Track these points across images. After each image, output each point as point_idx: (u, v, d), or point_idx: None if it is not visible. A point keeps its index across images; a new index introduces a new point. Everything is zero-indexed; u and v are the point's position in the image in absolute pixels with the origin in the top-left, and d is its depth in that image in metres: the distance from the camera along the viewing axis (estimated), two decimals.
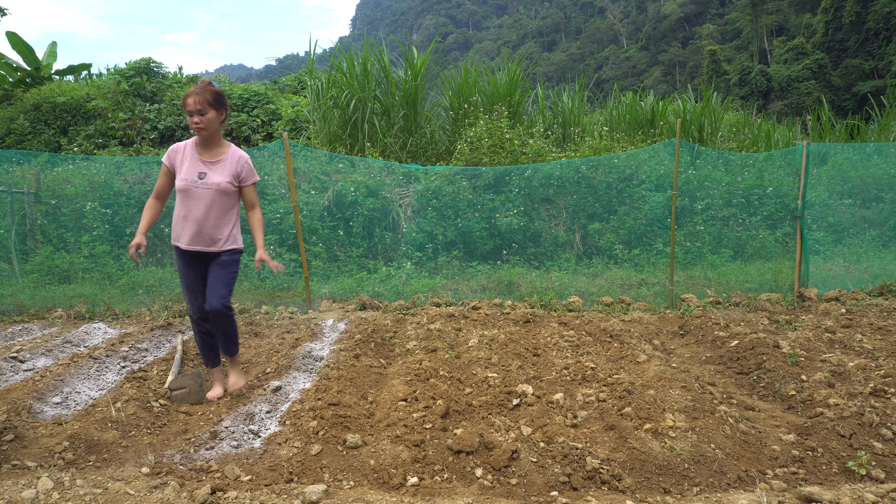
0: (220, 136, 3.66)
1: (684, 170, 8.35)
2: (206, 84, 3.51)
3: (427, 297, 6.60)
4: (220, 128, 3.62)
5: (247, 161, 3.68)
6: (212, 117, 3.48)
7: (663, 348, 4.93)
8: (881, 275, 7.13)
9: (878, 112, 14.63)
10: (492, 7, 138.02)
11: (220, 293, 3.60)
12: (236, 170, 3.61)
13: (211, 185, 3.52)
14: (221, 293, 3.61)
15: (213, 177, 3.54)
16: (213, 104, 3.49)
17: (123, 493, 2.43)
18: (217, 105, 3.52)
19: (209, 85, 3.51)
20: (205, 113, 3.47)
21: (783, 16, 66.01)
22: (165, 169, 3.58)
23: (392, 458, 2.75)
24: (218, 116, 3.54)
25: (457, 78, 10.53)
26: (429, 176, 7.85)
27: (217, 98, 3.51)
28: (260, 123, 12.06)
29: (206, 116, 3.45)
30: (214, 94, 3.50)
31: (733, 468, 2.71)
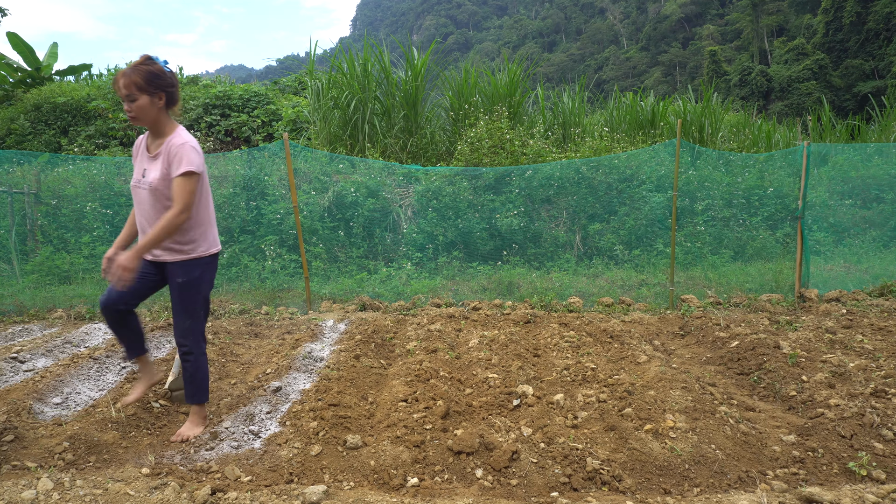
0: (167, 123, 2.92)
1: (685, 170, 8.35)
2: (138, 63, 2.80)
3: (427, 297, 6.60)
4: (166, 114, 2.92)
5: (181, 147, 2.83)
6: (144, 104, 2.78)
7: (664, 349, 4.93)
8: (882, 275, 7.13)
9: (879, 112, 14.62)
10: (492, 8, 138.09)
11: (180, 326, 3.02)
12: (167, 160, 2.85)
13: (145, 185, 2.90)
14: (181, 326, 3.01)
15: (150, 174, 2.90)
16: (144, 87, 2.77)
17: (123, 493, 2.43)
18: (150, 88, 2.79)
19: (141, 64, 2.80)
20: (135, 98, 2.77)
21: (783, 16, 66.02)
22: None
23: (392, 459, 2.74)
24: (153, 102, 2.82)
25: (457, 78, 10.53)
26: (429, 176, 7.85)
27: (149, 79, 2.78)
28: (260, 124, 12.07)
29: (136, 103, 2.77)
30: (145, 75, 2.78)
31: (734, 469, 2.71)
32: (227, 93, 12.41)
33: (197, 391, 3.14)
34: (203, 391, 3.15)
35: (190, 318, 3.01)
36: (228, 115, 12.22)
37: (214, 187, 7.62)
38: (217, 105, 12.27)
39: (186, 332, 3.02)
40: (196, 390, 3.14)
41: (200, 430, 3.14)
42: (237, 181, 7.68)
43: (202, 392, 3.15)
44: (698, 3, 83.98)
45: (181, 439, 3.05)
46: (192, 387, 3.13)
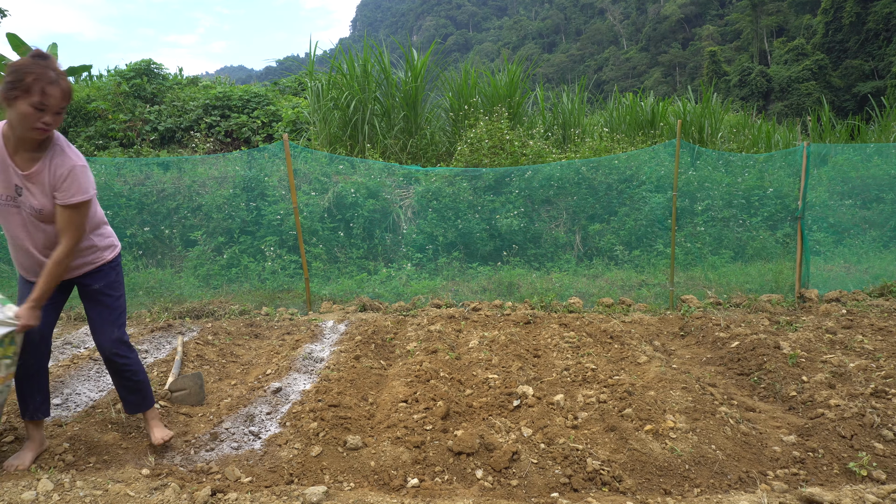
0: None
1: (684, 171, 8.35)
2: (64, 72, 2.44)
3: (427, 298, 6.60)
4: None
5: (71, 172, 2.46)
6: (60, 120, 2.43)
7: (664, 349, 4.93)
8: (882, 275, 7.12)
9: (879, 113, 14.63)
10: (492, 8, 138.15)
11: (110, 333, 2.75)
12: (52, 184, 2.48)
13: (28, 208, 2.50)
14: (111, 333, 2.75)
15: (30, 196, 2.49)
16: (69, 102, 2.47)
17: (124, 494, 2.43)
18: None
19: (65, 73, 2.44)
20: (62, 113, 2.44)
21: (783, 17, 66.04)
22: None
23: (392, 460, 2.74)
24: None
25: (457, 79, 10.54)
26: (429, 177, 7.85)
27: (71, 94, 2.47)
28: (260, 125, 12.08)
29: (60, 117, 2.41)
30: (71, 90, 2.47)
31: (734, 469, 2.71)
32: (226, 94, 12.42)
33: (145, 398, 2.94)
34: (148, 393, 2.95)
35: (118, 322, 2.79)
36: (228, 115, 12.22)
37: (214, 188, 7.63)
38: (217, 106, 12.28)
39: (117, 340, 2.77)
40: (144, 398, 2.94)
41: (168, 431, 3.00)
42: (237, 182, 7.68)
43: (146, 395, 2.94)
44: (698, 4, 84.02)
45: (164, 441, 2.92)
46: (138, 395, 2.91)
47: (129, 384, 2.86)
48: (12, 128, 2.40)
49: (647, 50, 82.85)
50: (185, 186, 7.59)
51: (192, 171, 7.80)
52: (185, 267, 7.24)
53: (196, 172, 7.82)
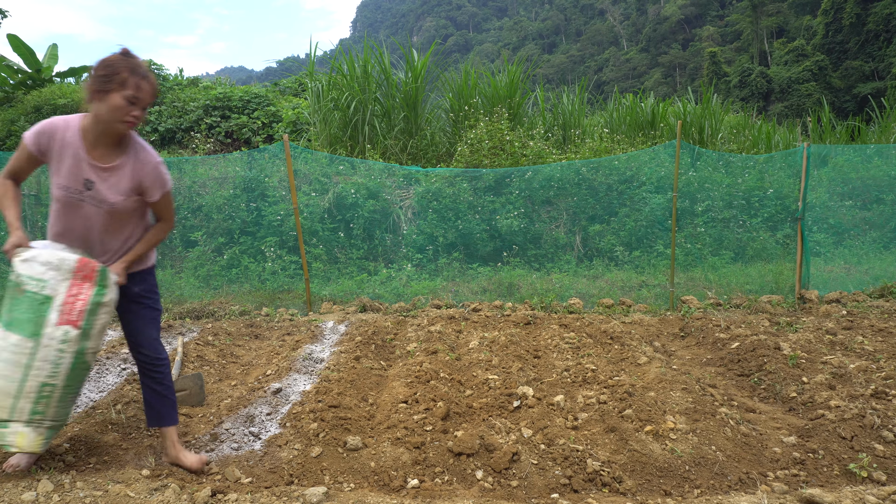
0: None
1: (685, 172, 8.35)
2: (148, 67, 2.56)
3: (427, 298, 6.60)
4: None
5: (156, 168, 2.61)
6: (143, 116, 2.56)
7: (664, 350, 4.93)
8: (882, 276, 7.12)
9: (879, 114, 14.63)
10: (492, 9, 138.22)
11: (150, 334, 2.77)
12: (139, 181, 2.59)
13: (101, 203, 2.54)
14: (151, 334, 2.77)
15: (106, 190, 2.53)
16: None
17: (124, 495, 2.43)
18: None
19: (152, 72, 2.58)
20: (146, 109, 2.55)
21: (783, 17, 66.05)
22: (27, 151, 2.50)
23: (393, 461, 2.74)
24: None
25: (457, 80, 10.54)
26: (429, 178, 7.85)
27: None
28: (260, 125, 12.08)
29: (144, 113, 2.53)
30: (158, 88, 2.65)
31: (734, 470, 2.71)
32: (227, 94, 12.43)
33: (172, 409, 2.81)
34: (176, 410, 2.84)
35: (156, 327, 2.82)
36: (229, 116, 12.23)
37: (214, 189, 7.63)
38: (217, 107, 12.29)
39: (156, 341, 2.77)
40: (172, 408, 2.80)
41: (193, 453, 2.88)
42: (237, 183, 7.68)
43: (175, 411, 2.83)
44: (698, 5, 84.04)
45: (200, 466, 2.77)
46: (166, 404, 2.78)
47: (160, 388, 2.77)
48: (97, 122, 2.47)
49: (648, 51, 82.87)
50: (186, 187, 7.59)
51: (193, 172, 7.81)
52: (185, 267, 7.24)
53: (196, 173, 7.83)
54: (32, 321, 2.39)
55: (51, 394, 2.44)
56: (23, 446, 2.41)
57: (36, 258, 2.42)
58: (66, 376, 2.46)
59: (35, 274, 2.41)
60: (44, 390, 2.42)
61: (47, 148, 2.48)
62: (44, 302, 2.40)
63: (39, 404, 2.42)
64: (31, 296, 2.40)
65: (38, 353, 2.38)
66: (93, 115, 2.47)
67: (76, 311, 2.45)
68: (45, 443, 2.49)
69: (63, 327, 2.42)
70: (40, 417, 2.44)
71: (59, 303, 2.42)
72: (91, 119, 2.49)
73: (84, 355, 2.51)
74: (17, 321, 2.39)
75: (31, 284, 2.40)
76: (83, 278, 2.47)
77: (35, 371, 2.39)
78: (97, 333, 2.55)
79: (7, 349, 2.38)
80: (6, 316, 2.43)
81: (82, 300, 2.46)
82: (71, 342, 2.43)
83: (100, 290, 2.51)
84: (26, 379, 2.39)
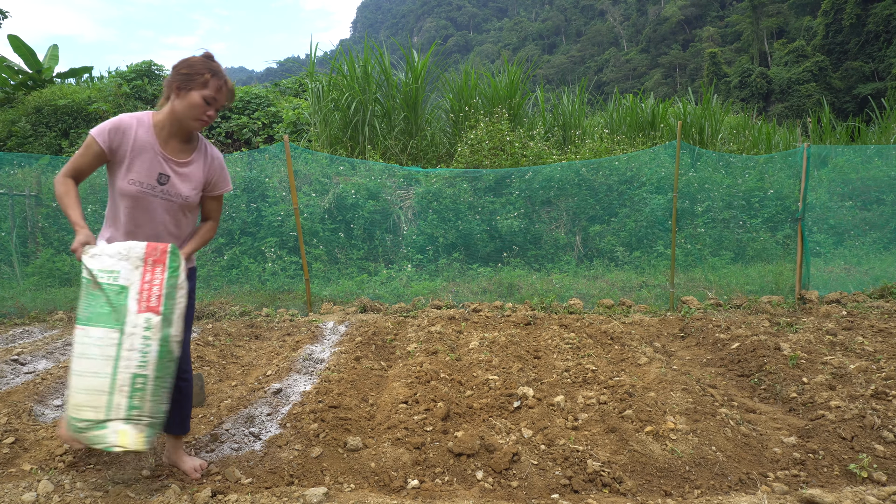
0: None
1: (685, 172, 8.36)
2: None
3: (428, 299, 6.60)
4: None
5: (222, 161, 2.74)
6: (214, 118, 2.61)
7: (664, 350, 4.93)
8: (882, 277, 7.12)
9: (879, 114, 14.64)
10: (492, 10, 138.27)
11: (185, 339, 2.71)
12: (209, 172, 2.68)
13: (175, 196, 2.57)
14: (186, 339, 2.72)
15: (180, 184, 2.57)
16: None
17: (124, 495, 2.43)
18: None
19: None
20: (220, 109, 2.63)
21: (783, 18, 66.06)
22: (98, 149, 2.45)
23: (393, 461, 2.74)
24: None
25: (457, 80, 10.54)
26: (429, 178, 7.86)
27: None
28: (261, 126, 12.08)
29: (216, 115, 2.59)
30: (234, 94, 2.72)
31: (734, 470, 2.71)
32: None
33: (189, 417, 2.80)
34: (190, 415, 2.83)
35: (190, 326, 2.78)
36: (229, 117, 12.23)
37: None
38: None
39: (187, 347, 2.74)
40: (189, 416, 2.80)
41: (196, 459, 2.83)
42: (238, 183, 7.69)
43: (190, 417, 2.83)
44: (698, 5, 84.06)
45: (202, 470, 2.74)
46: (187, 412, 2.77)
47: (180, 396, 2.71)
48: (173, 118, 2.52)
49: (648, 51, 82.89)
50: None
51: None
52: None
53: None
54: (112, 312, 2.33)
55: (144, 385, 2.34)
56: (126, 445, 2.29)
57: (104, 251, 2.38)
58: (155, 366, 2.36)
59: (106, 266, 2.36)
60: (136, 382, 2.32)
61: (119, 145, 2.47)
62: (120, 292, 2.35)
63: (135, 398, 2.32)
64: (107, 288, 2.34)
65: (124, 343, 2.31)
66: (169, 111, 2.52)
67: (154, 296, 2.39)
68: (148, 441, 2.36)
69: (144, 314, 2.36)
70: (138, 413, 2.33)
71: (136, 291, 2.37)
72: (166, 115, 2.53)
73: (169, 342, 2.42)
74: (97, 315, 2.33)
75: (104, 277, 2.35)
76: (154, 262, 2.42)
77: (124, 362, 2.31)
78: (178, 318, 2.49)
79: (92, 344, 2.30)
80: (84, 313, 2.34)
81: (158, 285, 2.41)
82: (154, 329, 2.36)
83: (173, 273, 2.45)
84: (117, 372, 2.30)
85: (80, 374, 2.30)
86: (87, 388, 2.29)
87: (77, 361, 2.31)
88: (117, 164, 2.50)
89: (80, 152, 2.48)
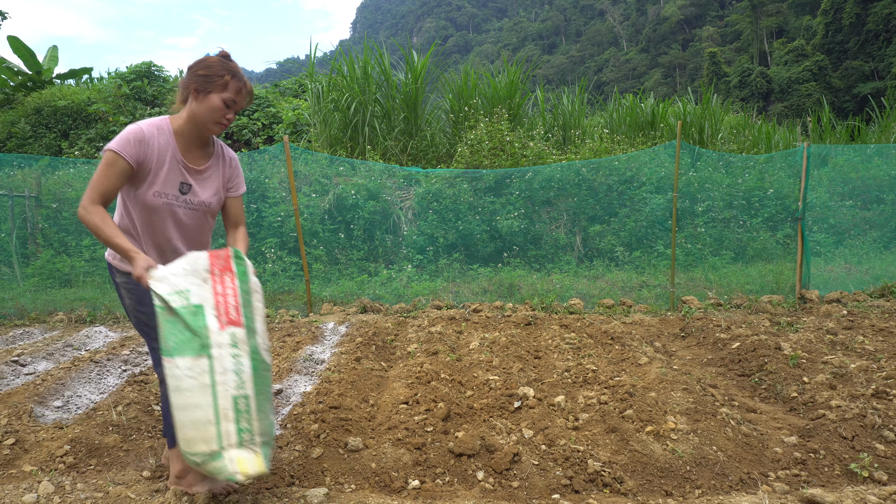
0: None
1: (685, 172, 8.36)
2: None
3: (428, 299, 6.60)
4: None
5: (237, 161, 2.70)
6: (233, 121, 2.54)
7: (664, 350, 4.93)
8: (882, 276, 7.12)
9: (879, 113, 14.64)
10: (492, 10, 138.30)
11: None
12: (226, 175, 2.62)
13: (198, 205, 2.51)
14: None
15: (201, 191, 2.52)
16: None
17: (124, 496, 2.43)
18: None
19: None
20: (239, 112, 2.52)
21: (783, 18, 66.07)
22: (125, 165, 2.29)
23: (393, 462, 2.74)
24: None
25: (457, 81, 10.55)
26: (429, 179, 7.86)
27: None
28: (260, 126, 12.08)
29: (234, 117, 2.53)
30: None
31: (735, 470, 2.71)
32: None
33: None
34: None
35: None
36: None
37: None
38: None
39: None
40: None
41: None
42: None
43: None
44: (698, 5, 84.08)
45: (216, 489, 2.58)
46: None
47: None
48: (192, 122, 2.42)
49: (647, 51, 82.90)
50: None
51: None
52: None
53: None
54: (195, 337, 2.17)
55: (247, 405, 2.21)
56: (247, 471, 2.16)
57: (168, 272, 2.22)
58: (253, 382, 2.23)
59: (175, 287, 2.20)
60: (239, 404, 2.19)
61: (144, 157, 2.33)
62: (196, 312, 2.18)
63: (242, 421, 2.19)
64: (182, 311, 2.17)
65: (215, 367, 2.17)
66: (187, 115, 2.42)
67: (231, 308, 2.24)
68: (267, 461, 2.24)
69: (227, 330, 2.21)
70: (249, 436, 2.20)
71: (212, 306, 2.21)
72: (185, 120, 2.43)
73: (259, 353, 2.28)
74: (180, 343, 2.17)
75: (176, 300, 2.18)
76: (221, 271, 2.27)
77: (221, 387, 2.17)
78: (261, 324, 2.34)
79: (184, 376, 2.15)
80: (166, 344, 2.18)
81: (232, 295, 2.26)
82: (241, 343, 2.23)
83: (243, 278, 2.31)
84: (217, 399, 2.16)
85: (182, 408, 2.17)
86: (192, 421, 2.17)
87: (174, 395, 2.18)
88: (140, 177, 2.37)
89: (104, 172, 2.28)
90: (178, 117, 2.44)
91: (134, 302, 2.44)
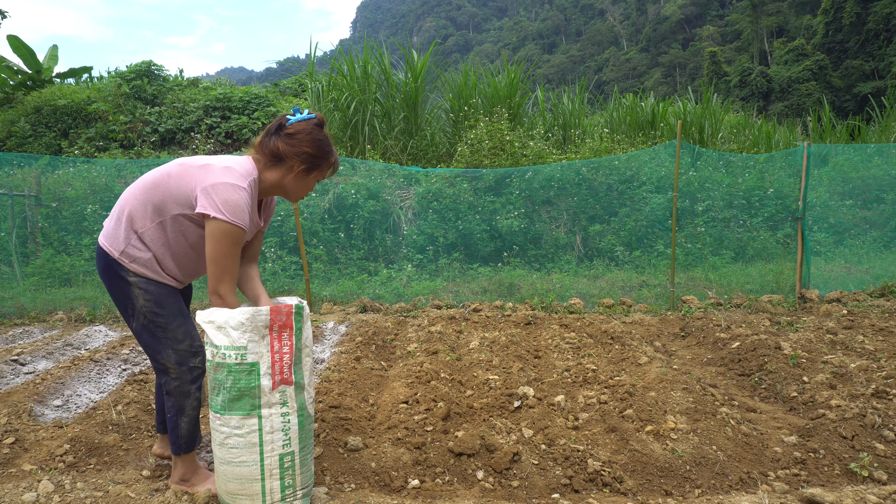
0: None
1: (685, 171, 8.35)
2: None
3: (428, 299, 6.60)
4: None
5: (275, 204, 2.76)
6: None
7: (664, 350, 4.93)
8: (883, 276, 7.12)
9: (879, 113, 14.64)
10: (492, 9, 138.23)
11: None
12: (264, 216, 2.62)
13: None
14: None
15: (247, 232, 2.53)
16: None
17: (124, 496, 2.43)
18: None
19: None
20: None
21: (783, 17, 66.04)
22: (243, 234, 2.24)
23: (393, 461, 2.74)
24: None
25: (457, 80, 10.55)
26: (429, 178, 7.86)
27: None
28: (260, 126, 12.07)
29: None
30: None
31: (735, 470, 2.71)
32: (227, 95, 12.42)
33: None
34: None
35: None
36: (229, 117, 12.22)
37: None
38: (217, 107, 12.28)
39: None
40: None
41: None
42: None
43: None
44: (698, 5, 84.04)
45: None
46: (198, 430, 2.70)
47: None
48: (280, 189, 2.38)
49: (648, 51, 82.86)
50: None
51: None
52: None
53: None
54: (246, 396, 2.17)
55: (292, 463, 2.25)
56: None
57: (228, 323, 2.17)
58: (298, 438, 2.27)
59: (231, 342, 2.17)
60: (284, 462, 2.23)
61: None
62: (250, 371, 2.17)
63: (286, 478, 2.24)
64: (236, 369, 2.16)
65: (264, 427, 2.19)
66: (276, 181, 2.35)
67: (286, 366, 2.23)
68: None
69: (278, 390, 2.21)
70: (292, 491, 2.26)
71: (267, 366, 2.19)
72: (271, 184, 2.36)
73: (305, 408, 2.31)
74: (231, 401, 2.17)
75: (232, 356, 2.16)
76: (280, 328, 2.21)
77: (268, 446, 2.20)
78: (309, 377, 2.34)
79: (232, 434, 2.18)
80: (218, 399, 2.19)
81: (288, 353, 2.23)
82: (290, 400, 2.24)
83: (299, 334, 2.27)
84: (263, 458, 2.20)
85: (226, 462, 2.20)
86: (236, 477, 2.20)
87: (220, 449, 2.21)
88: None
89: (230, 252, 2.19)
90: (263, 175, 2.35)
91: (151, 303, 2.34)
